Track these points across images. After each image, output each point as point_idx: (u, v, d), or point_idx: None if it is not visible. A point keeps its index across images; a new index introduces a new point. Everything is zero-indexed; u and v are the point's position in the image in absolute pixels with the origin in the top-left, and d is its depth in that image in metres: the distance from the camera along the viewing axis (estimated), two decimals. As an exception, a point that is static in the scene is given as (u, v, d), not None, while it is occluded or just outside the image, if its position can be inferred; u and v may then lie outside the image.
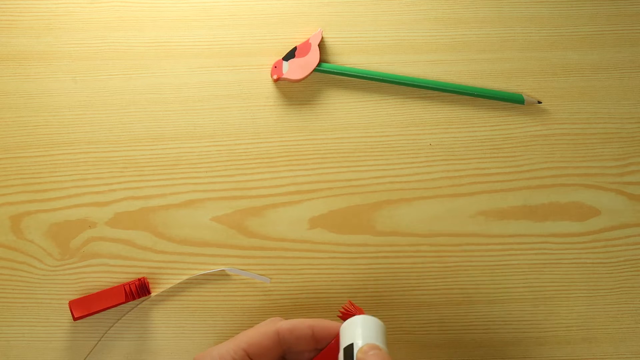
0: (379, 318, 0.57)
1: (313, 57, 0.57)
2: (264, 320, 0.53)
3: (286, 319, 0.57)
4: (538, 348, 0.57)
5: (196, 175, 0.58)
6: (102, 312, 0.56)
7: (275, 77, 0.57)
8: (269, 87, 0.58)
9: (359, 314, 0.48)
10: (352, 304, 0.49)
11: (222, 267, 0.57)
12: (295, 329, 0.50)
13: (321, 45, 0.58)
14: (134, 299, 0.56)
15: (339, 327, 0.49)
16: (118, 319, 0.57)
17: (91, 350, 0.56)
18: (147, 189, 0.57)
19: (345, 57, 0.59)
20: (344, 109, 0.58)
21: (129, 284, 0.56)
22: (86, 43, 0.58)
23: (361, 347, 0.46)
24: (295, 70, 0.57)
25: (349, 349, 0.46)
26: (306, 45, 0.58)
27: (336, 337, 0.48)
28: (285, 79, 0.58)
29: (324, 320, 0.50)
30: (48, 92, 0.58)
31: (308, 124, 0.58)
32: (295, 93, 0.58)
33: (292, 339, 0.50)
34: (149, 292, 0.56)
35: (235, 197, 0.58)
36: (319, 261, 0.57)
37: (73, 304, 0.55)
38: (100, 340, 0.57)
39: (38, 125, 0.58)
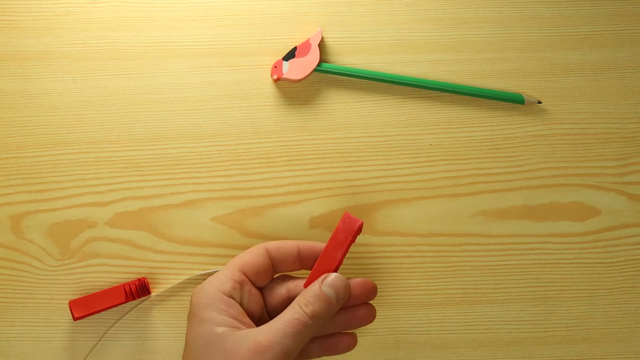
0: (379, 318, 0.57)
1: (313, 57, 0.57)
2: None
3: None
4: (538, 348, 0.57)
5: (196, 175, 0.58)
6: (102, 312, 0.56)
7: (275, 77, 0.57)
8: (269, 87, 0.58)
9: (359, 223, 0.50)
10: (349, 215, 0.51)
11: (220, 268, 0.57)
12: (281, 247, 0.52)
13: (321, 45, 0.58)
14: (134, 299, 0.56)
15: (324, 246, 0.51)
16: (118, 319, 0.57)
17: (91, 350, 0.56)
18: (147, 189, 0.58)
19: (345, 57, 0.59)
20: (344, 109, 0.58)
21: (129, 284, 0.56)
22: (86, 43, 0.58)
23: None
24: (295, 70, 0.57)
25: None
26: (306, 45, 0.58)
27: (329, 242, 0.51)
28: (285, 79, 0.58)
29: (307, 241, 0.52)
30: (48, 92, 0.58)
31: (308, 124, 0.58)
32: (295, 93, 0.58)
33: (279, 255, 0.51)
34: (149, 292, 0.56)
35: (235, 197, 0.58)
36: (319, 261, 0.57)
37: (73, 304, 0.55)
38: (100, 340, 0.57)
39: (38, 125, 0.58)
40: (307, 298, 0.49)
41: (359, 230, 0.50)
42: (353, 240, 0.50)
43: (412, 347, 0.57)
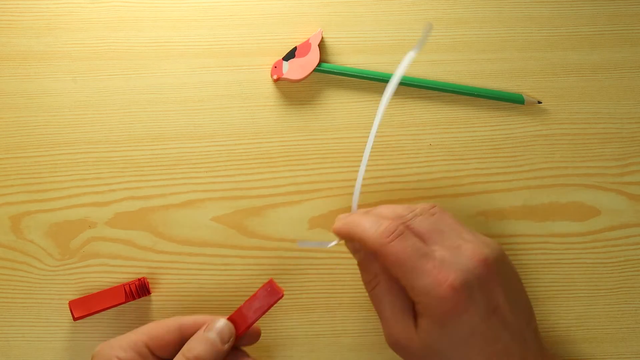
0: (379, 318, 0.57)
1: (313, 57, 0.57)
2: (261, 320, 0.54)
3: (286, 318, 0.57)
4: (538, 348, 0.57)
5: (196, 175, 0.58)
6: (102, 312, 0.56)
7: (275, 77, 0.57)
8: (269, 87, 0.58)
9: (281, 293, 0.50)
10: (272, 284, 0.51)
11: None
12: (199, 325, 0.50)
13: (321, 45, 0.58)
14: (134, 299, 0.56)
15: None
16: (118, 319, 0.57)
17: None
18: (147, 189, 0.58)
19: (345, 57, 0.59)
20: (344, 109, 0.58)
21: (129, 284, 0.56)
22: (86, 43, 0.58)
23: None
24: (295, 70, 0.57)
25: None
26: (306, 45, 0.58)
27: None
28: (285, 79, 0.58)
29: (222, 318, 0.50)
30: (48, 92, 0.58)
31: (308, 124, 0.58)
32: (295, 93, 0.58)
33: (194, 331, 0.50)
34: (149, 292, 0.56)
35: (235, 197, 0.58)
36: (319, 261, 0.57)
37: (73, 304, 0.55)
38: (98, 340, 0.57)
39: (38, 125, 0.58)
40: (190, 344, 0.49)
41: (277, 301, 0.51)
42: (268, 309, 0.50)
43: (412, 347, 0.57)
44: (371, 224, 0.48)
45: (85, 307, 0.55)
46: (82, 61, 0.58)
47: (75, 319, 0.55)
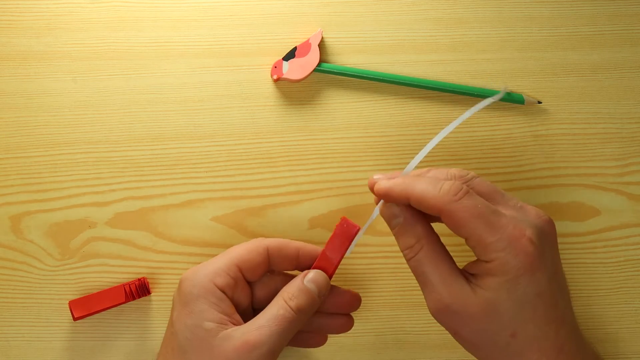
0: (379, 318, 0.57)
1: (313, 57, 0.57)
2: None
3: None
4: (538, 348, 0.57)
5: (196, 175, 0.58)
6: (102, 312, 0.56)
7: (275, 77, 0.57)
8: (269, 87, 0.58)
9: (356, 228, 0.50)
10: (347, 220, 0.50)
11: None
12: (283, 248, 0.51)
13: (321, 45, 0.58)
14: (134, 299, 0.56)
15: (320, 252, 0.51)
16: (118, 319, 0.57)
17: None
18: (147, 189, 0.57)
19: (345, 57, 0.59)
20: (344, 109, 0.58)
21: (129, 284, 0.56)
22: (86, 43, 0.58)
23: None
24: (295, 70, 0.57)
25: None
26: (306, 45, 0.58)
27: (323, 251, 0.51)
28: (285, 79, 0.58)
29: (309, 244, 0.52)
30: (48, 92, 0.58)
31: (308, 124, 0.58)
32: (295, 93, 0.58)
33: (278, 257, 0.51)
34: (149, 292, 0.56)
35: (235, 197, 0.58)
36: (319, 261, 0.57)
37: (73, 304, 0.55)
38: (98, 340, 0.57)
39: (38, 125, 0.58)
40: (291, 292, 0.49)
41: (355, 235, 0.50)
42: (349, 245, 0.50)
43: (413, 347, 0.57)
44: (431, 184, 0.46)
45: (85, 307, 0.55)
46: (82, 61, 0.58)
47: (75, 319, 0.55)
